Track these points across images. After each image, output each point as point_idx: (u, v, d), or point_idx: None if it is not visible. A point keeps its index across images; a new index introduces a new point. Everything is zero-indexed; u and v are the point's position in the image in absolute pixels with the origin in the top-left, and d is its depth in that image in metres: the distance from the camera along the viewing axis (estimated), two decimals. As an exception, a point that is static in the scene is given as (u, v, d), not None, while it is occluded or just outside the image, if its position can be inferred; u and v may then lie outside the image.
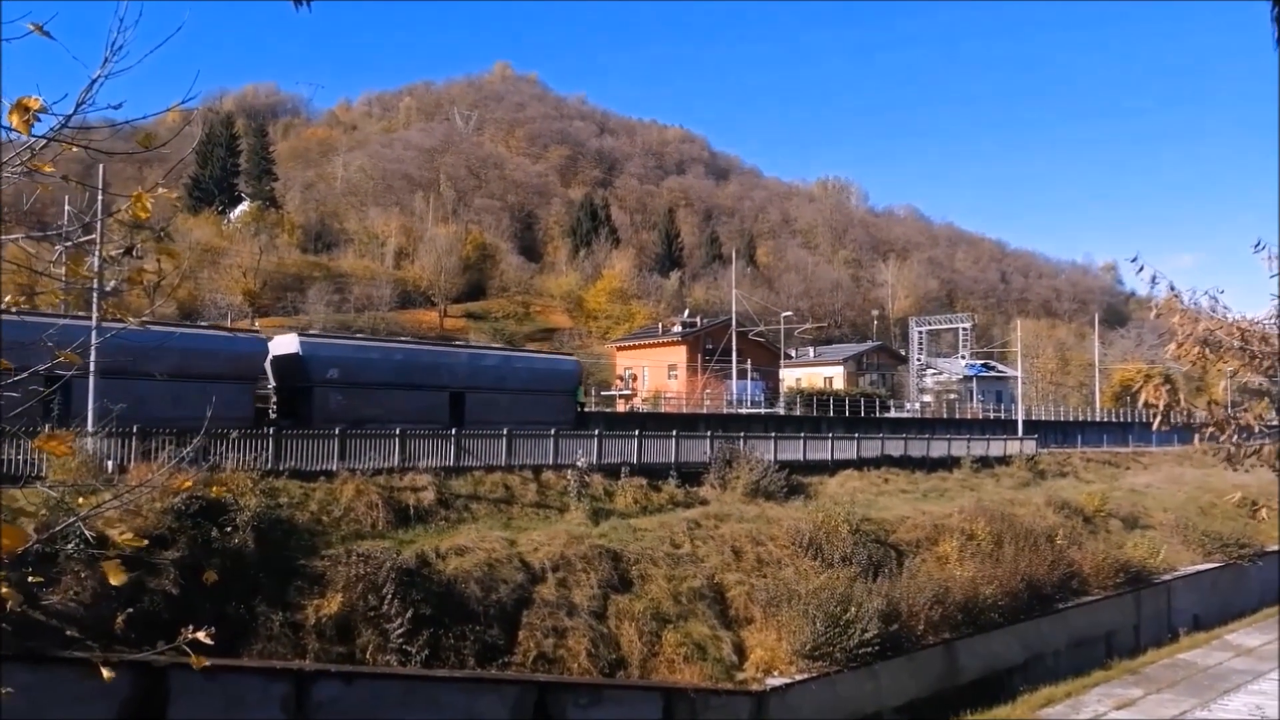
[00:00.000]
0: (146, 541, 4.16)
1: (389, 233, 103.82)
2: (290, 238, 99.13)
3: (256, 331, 35.13)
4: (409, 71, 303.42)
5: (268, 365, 29.12)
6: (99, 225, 4.01)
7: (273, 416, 28.60)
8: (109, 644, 13.65)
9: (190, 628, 3.61)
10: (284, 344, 29.35)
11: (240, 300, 75.83)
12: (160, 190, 3.46)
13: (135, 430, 19.12)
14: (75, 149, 3.38)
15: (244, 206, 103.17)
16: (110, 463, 18.60)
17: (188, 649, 3.56)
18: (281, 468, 20.96)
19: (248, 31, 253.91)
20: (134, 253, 3.94)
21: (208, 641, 3.55)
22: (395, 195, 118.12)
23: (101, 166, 16.93)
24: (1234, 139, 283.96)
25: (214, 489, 16.78)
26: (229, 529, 17.24)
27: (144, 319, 4.39)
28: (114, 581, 3.35)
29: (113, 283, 4.03)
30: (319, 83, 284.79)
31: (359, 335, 46.23)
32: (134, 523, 15.35)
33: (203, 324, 38.77)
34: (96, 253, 4.27)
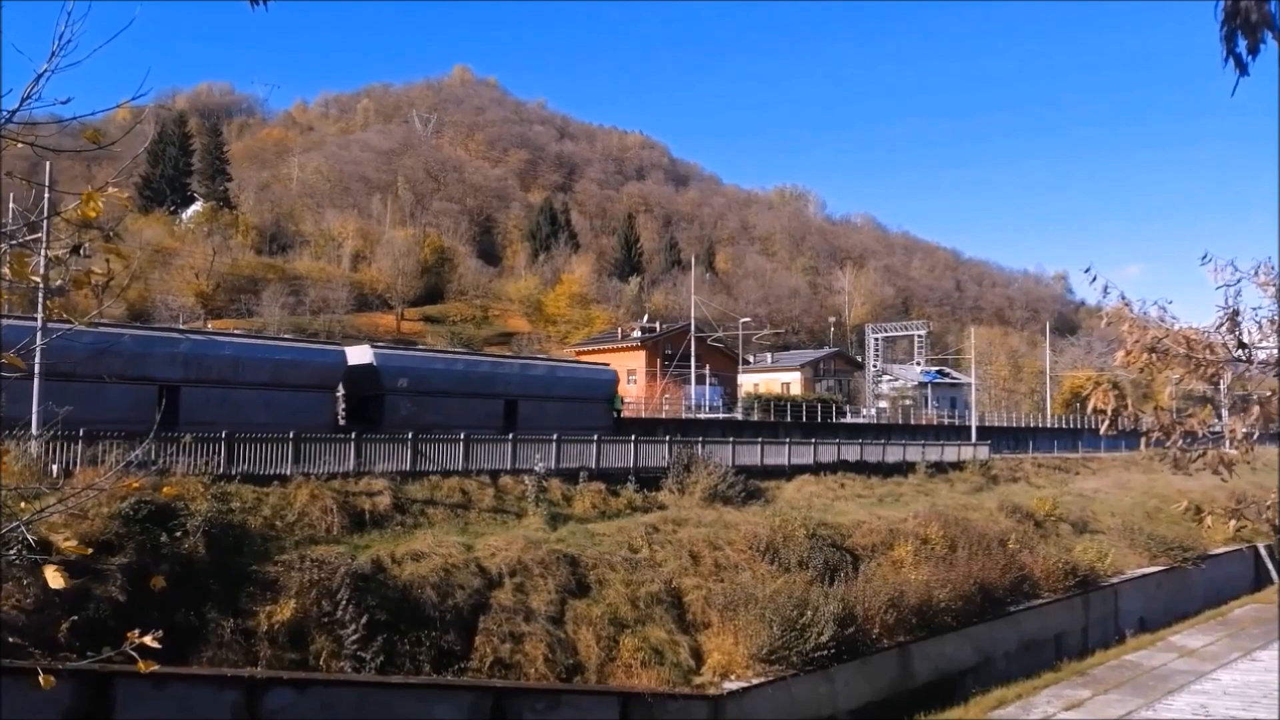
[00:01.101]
0: (90, 550, 4.08)
1: (346, 235, 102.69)
2: (244, 239, 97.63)
3: (339, 343, 37.07)
4: (367, 73, 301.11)
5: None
6: (45, 224, 3.92)
7: (342, 422, 29.40)
8: (52, 652, 13.31)
9: (137, 632, 3.53)
10: (358, 355, 30.81)
11: (192, 302, 74.47)
12: (110, 190, 3.40)
13: (81, 433, 18.70)
14: (20, 145, 3.30)
15: (197, 207, 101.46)
16: (55, 466, 18.17)
17: (134, 653, 3.48)
18: (234, 472, 20.62)
19: (202, 30, 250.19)
20: (81, 252, 3.86)
21: (155, 645, 3.47)
22: (352, 197, 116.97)
23: (49, 164, 16.54)
24: (1182, 153, 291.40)
25: (163, 492, 16.47)
26: (179, 534, 16.90)
27: (91, 318, 4.30)
28: (54, 586, 3.27)
29: (59, 282, 3.94)
30: (274, 83, 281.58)
31: (421, 347, 47.82)
32: (80, 528, 15.01)
33: (287, 336, 41.00)
34: (42, 252, 4.17)
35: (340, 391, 30.67)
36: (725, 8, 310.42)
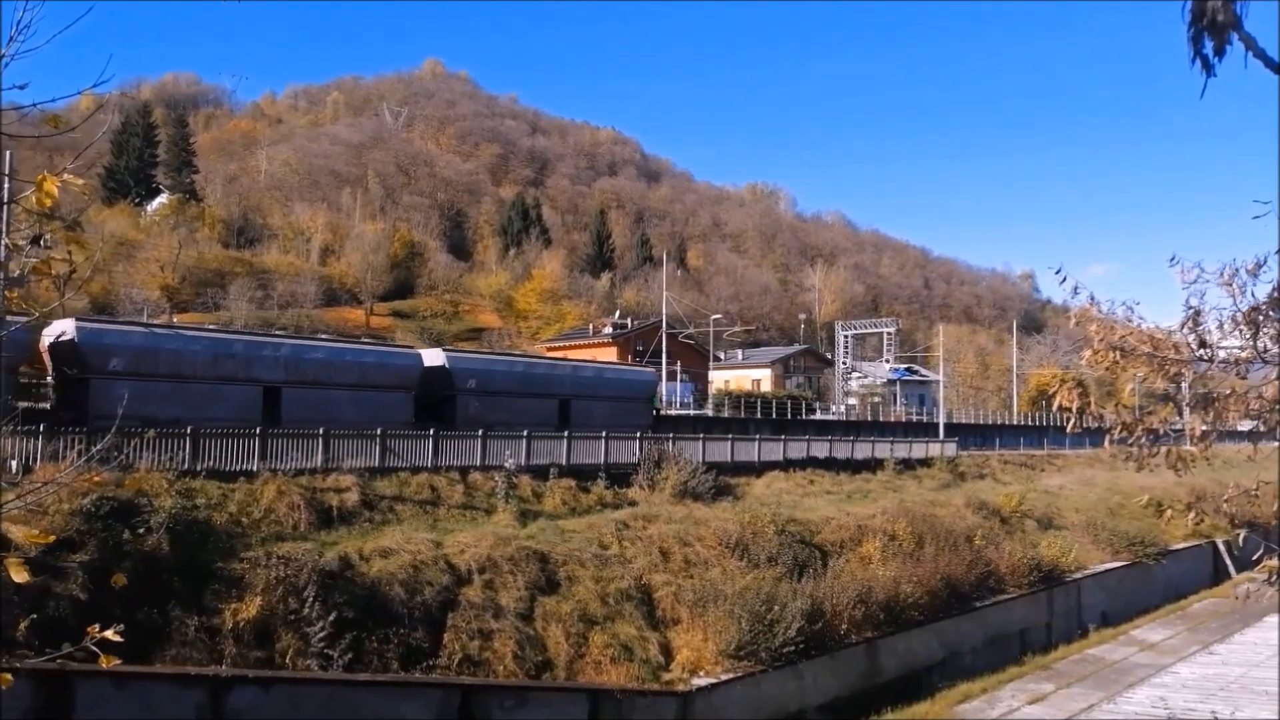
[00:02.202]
0: (51, 537, 4.00)
1: (314, 229, 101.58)
2: (211, 232, 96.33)
3: (409, 346, 39.82)
4: (337, 65, 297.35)
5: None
6: (4, 212, 3.84)
7: (412, 420, 31.09)
8: (10, 651, 13.07)
9: (97, 626, 3.46)
10: (432, 357, 32.95)
11: (157, 295, 73.36)
12: (68, 177, 3.33)
13: (42, 428, 18.40)
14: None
15: (162, 199, 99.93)
16: (14, 462, 17.85)
17: (95, 648, 3.42)
18: (199, 468, 20.39)
19: (167, 19, 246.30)
20: (42, 242, 3.78)
21: (116, 639, 3.41)
22: (321, 191, 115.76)
23: (8, 153, 16.22)
24: (1144, 155, 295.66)
25: (125, 485, 16.25)
26: (142, 531, 16.67)
27: (48, 310, 4.22)
28: (17, 579, 3.20)
29: (18, 272, 3.86)
30: (242, 74, 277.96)
31: (484, 350, 51.70)
32: (39, 524, 14.74)
33: (368, 340, 44.75)
34: (1, 242, 4.09)
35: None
36: (696, 4, 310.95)
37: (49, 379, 25.47)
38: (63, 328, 23.62)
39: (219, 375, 25.77)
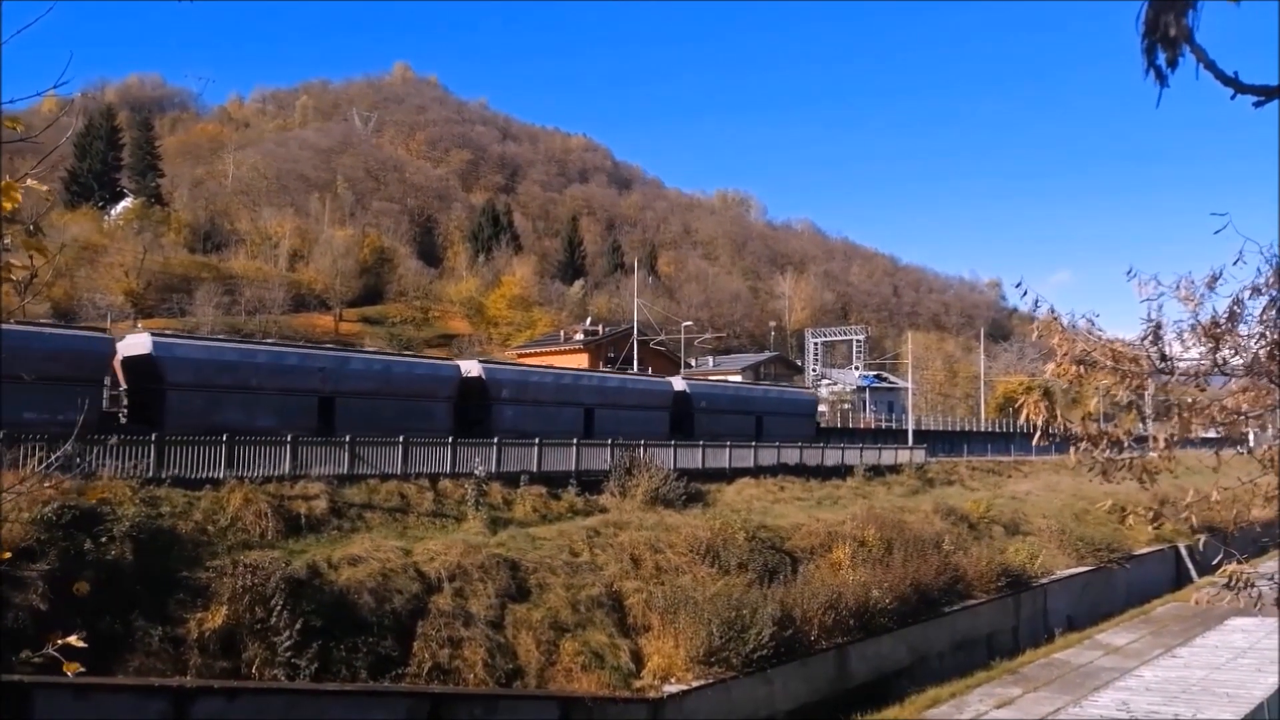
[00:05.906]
0: (9, 554, 3.92)
1: (283, 234, 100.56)
2: (177, 236, 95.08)
3: (663, 377, 47.94)
4: (305, 69, 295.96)
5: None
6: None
7: (667, 431, 38.81)
8: (-32, 663, 12.80)
9: (60, 633, 3.40)
10: (678, 384, 42.50)
11: (121, 301, 72.24)
12: (31, 182, 3.28)
13: (1, 435, 18.05)
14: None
15: (126, 203, 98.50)
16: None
17: (57, 655, 3.35)
18: (164, 475, 20.10)
19: (131, 20, 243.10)
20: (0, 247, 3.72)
21: (80, 645, 3.34)
22: (290, 196, 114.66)
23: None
24: (1109, 166, 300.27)
25: (88, 495, 15.99)
26: (105, 540, 16.40)
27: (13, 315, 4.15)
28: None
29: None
30: (209, 76, 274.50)
31: (709, 379, 60.84)
32: (-2, 534, 14.47)
33: (634, 374, 52.96)
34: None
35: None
36: (665, 9, 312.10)
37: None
38: (469, 367, 33.32)
39: (559, 400, 35.14)
